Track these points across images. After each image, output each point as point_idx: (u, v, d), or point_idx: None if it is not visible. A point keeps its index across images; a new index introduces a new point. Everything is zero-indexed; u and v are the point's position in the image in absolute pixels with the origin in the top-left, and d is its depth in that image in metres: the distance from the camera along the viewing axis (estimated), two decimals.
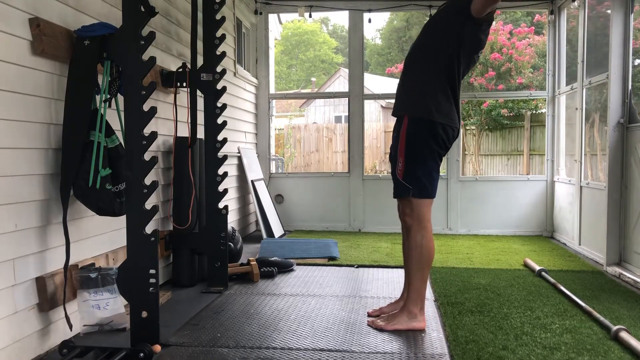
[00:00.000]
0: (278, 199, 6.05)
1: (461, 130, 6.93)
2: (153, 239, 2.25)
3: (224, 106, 3.41)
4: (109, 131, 2.49)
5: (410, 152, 2.57)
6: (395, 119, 2.70)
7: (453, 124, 2.58)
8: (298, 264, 4.07)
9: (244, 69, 5.76)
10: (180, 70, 3.42)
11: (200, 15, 3.44)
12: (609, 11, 4.20)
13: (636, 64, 4.24)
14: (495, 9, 2.53)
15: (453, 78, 2.57)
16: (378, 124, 16.82)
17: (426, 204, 2.61)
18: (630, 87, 3.91)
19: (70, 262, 2.39)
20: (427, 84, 2.58)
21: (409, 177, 2.57)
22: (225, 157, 3.42)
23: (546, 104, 5.85)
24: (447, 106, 2.56)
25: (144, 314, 2.27)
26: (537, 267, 3.90)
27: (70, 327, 2.35)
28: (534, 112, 11.28)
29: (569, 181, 5.12)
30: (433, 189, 2.61)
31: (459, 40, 2.53)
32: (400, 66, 13.22)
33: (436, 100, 2.54)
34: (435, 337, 2.54)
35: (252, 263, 3.65)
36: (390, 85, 16.06)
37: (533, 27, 11.58)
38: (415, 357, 2.29)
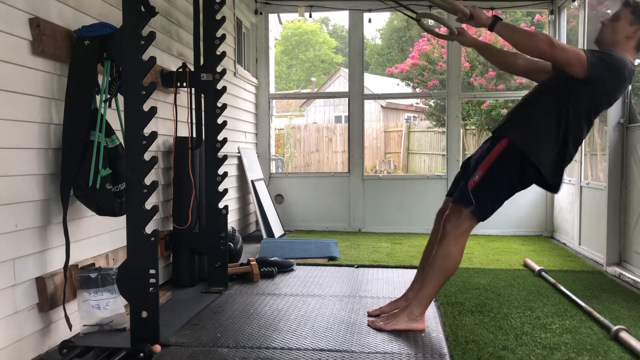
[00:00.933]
0: (278, 199, 6.05)
1: (461, 130, 6.91)
2: (153, 239, 2.25)
3: (224, 106, 3.41)
4: (109, 131, 2.49)
5: (493, 172, 2.50)
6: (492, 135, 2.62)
7: (543, 172, 2.49)
8: (298, 264, 4.07)
9: (244, 69, 5.75)
10: (180, 70, 3.42)
11: (200, 15, 3.44)
12: (609, 11, 4.20)
13: (636, 63, 4.23)
14: (577, 64, 2.38)
15: (578, 141, 2.51)
16: (378, 124, 16.83)
17: (474, 224, 2.58)
18: (630, 88, 3.91)
19: (70, 262, 2.39)
20: (546, 126, 2.47)
21: (477, 193, 2.51)
22: (225, 157, 3.42)
23: None
24: (548, 156, 2.47)
25: (144, 314, 2.27)
26: (537, 267, 3.90)
27: (70, 327, 2.35)
28: None
29: (569, 181, 5.12)
30: (491, 214, 2.58)
31: (591, 106, 2.47)
32: (401, 66, 13.24)
33: (543, 145, 2.46)
34: (435, 337, 2.55)
35: (252, 263, 3.65)
36: (391, 85, 16.08)
37: (533, 27, 11.58)
38: (415, 357, 2.29)
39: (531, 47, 2.42)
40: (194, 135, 3.46)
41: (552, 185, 2.55)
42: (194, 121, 3.46)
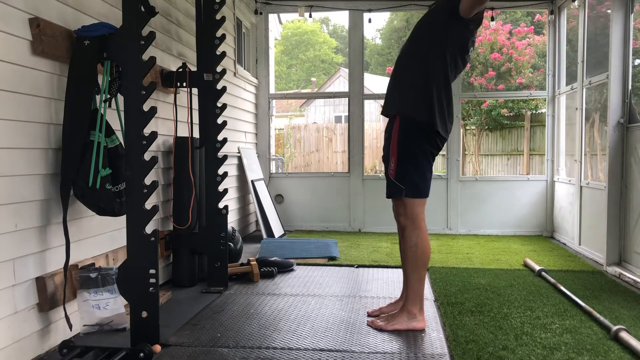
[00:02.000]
0: (278, 199, 6.05)
1: (461, 130, 6.91)
2: (153, 239, 2.25)
3: (224, 106, 3.41)
4: (109, 131, 2.49)
5: (403, 152, 2.56)
6: (388, 119, 2.69)
7: (444, 126, 2.56)
8: (298, 264, 4.07)
9: (244, 69, 5.76)
10: (180, 70, 3.42)
11: (200, 15, 3.44)
12: (609, 11, 4.20)
13: (636, 64, 4.24)
14: (483, 9, 2.52)
15: (445, 78, 2.56)
16: (378, 124, 16.81)
17: (420, 204, 2.60)
18: (630, 87, 3.91)
19: (70, 262, 2.39)
20: (418, 85, 2.57)
21: (401, 177, 2.57)
22: (225, 157, 3.42)
23: (546, 104, 5.85)
24: (440, 108, 2.54)
25: (144, 314, 2.27)
26: (537, 267, 3.90)
27: (70, 327, 2.35)
28: (534, 112, 11.29)
29: (569, 181, 5.12)
30: (426, 189, 2.60)
31: (448, 41, 2.53)
32: None
33: (429, 102, 2.53)
34: (435, 337, 2.55)
35: (252, 263, 3.65)
36: None
37: (533, 27, 11.58)
38: (415, 357, 2.29)
39: None
40: (196, 135, 3.46)
41: (440, 131, 2.58)
42: (194, 121, 3.46)
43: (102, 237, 2.78)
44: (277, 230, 5.41)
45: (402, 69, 2.68)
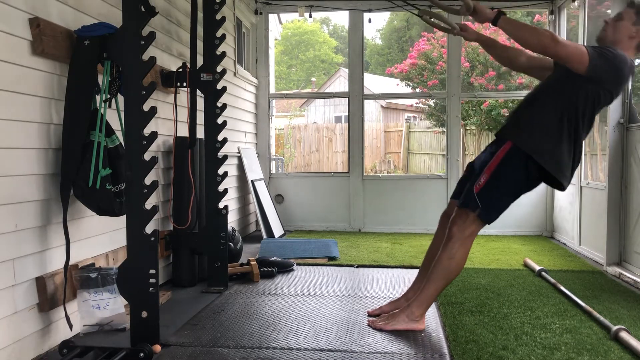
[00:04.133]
0: (278, 199, 6.05)
1: (461, 130, 6.91)
2: (153, 239, 2.25)
3: (224, 106, 3.41)
4: (109, 131, 2.49)
5: (499, 176, 2.50)
6: (495, 137, 2.63)
7: (552, 172, 2.47)
8: (298, 264, 4.07)
9: (244, 69, 5.75)
10: (180, 70, 3.42)
11: (200, 15, 3.44)
12: (609, 11, 4.20)
13: (636, 63, 4.23)
14: (582, 60, 2.40)
15: (577, 135, 2.49)
16: (378, 124, 16.83)
17: (480, 226, 2.56)
18: (630, 87, 3.91)
19: (70, 262, 2.39)
20: (550, 127, 2.47)
21: (484, 197, 2.50)
22: (225, 157, 3.42)
23: None
24: (555, 156, 2.46)
25: (144, 314, 2.26)
26: (537, 267, 3.90)
27: (70, 327, 2.35)
28: None
29: None
30: (496, 218, 2.57)
31: (585, 103, 2.46)
32: (400, 66, 13.23)
33: (548, 146, 2.46)
34: (435, 337, 2.55)
35: (252, 263, 3.65)
36: (390, 85, 16.07)
37: None
38: (415, 357, 2.29)
39: (534, 42, 2.42)
40: (199, 135, 3.46)
41: (562, 183, 2.52)
42: (199, 121, 3.45)
43: (102, 237, 2.78)
44: (277, 230, 5.41)
45: (541, 100, 2.56)
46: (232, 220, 4.98)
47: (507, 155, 2.49)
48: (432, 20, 2.77)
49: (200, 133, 3.48)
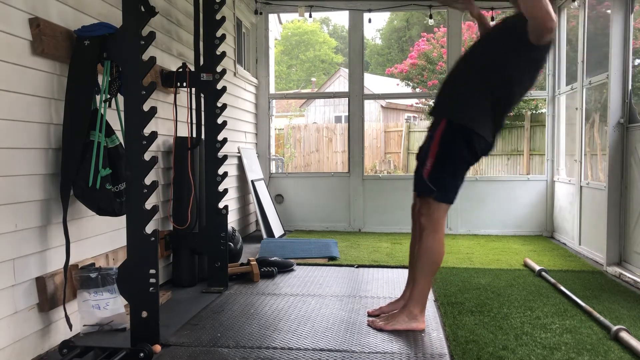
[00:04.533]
0: (278, 199, 6.05)
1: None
2: (153, 239, 2.25)
3: (224, 106, 3.41)
4: (109, 131, 2.49)
5: (442, 155, 2.53)
6: (432, 118, 2.65)
7: (488, 137, 2.52)
8: (298, 264, 4.07)
9: (244, 69, 5.76)
10: (180, 70, 3.42)
11: (200, 15, 3.44)
12: (609, 11, 4.20)
13: (636, 64, 4.24)
14: (552, 36, 2.44)
15: (504, 98, 2.52)
16: (378, 124, 16.82)
17: (444, 209, 2.59)
18: (630, 87, 3.91)
19: (70, 262, 2.39)
20: (475, 95, 2.52)
21: (434, 179, 2.53)
22: (225, 157, 3.42)
23: (546, 104, 5.85)
24: (488, 122, 2.50)
25: (144, 314, 2.27)
26: (537, 267, 3.90)
27: (70, 327, 2.35)
28: (534, 112, 11.28)
29: (569, 181, 5.12)
30: (454, 195, 2.58)
31: (516, 63, 2.48)
32: (400, 66, 13.22)
33: (479, 113, 2.49)
34: (435, 337, 2.55)
35: (252, 263, 3.65)
36: (391, 85, 16.08)
37: None
38: (415, 357, 2.29)
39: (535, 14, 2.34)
40: (194, 135, 3.46)
41: (493, 145, 2.59)
42: (194, 121, 3.47)
43: (102, 237, 2.78)
44: (277, 230, 5.41)
45: (461, 75, 2.62)
46: (232, 220, 4.98)
47: (444, 132, 2.53)
48: None
49: (201, 133, 3.48)
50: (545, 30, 2.33)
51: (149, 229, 2.26)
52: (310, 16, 6.00)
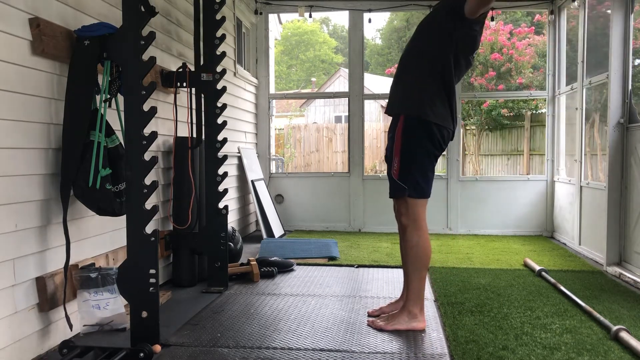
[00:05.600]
0: (278, 199, 6.05)
1: (461, 130, 6.92)
2: (153, 239, 2.25)
3: (224, 106, 3.41)
4: (109, 131, 2.49)
5: (406, 152, 2.57)
6: (391, 119, 2.69)
7: (448, 125, 2.57)
8: (298, 264, 4.07)
9: (244, 69, 5.76)
10: (180, 70, 3.42)
11: (200, 15, 3.44)
12: (609, 11, 4.20)
13: (636, 64, 4.24)
14: (488, 9, 2.53)
15: (449, 80, 2.56)
16: (378, 124, 16.81)
17: (421, 204, 2.61)
18: (630, 87, 3.91)
19: (71, 262, 2.39)
20: (423, 85, 2.57)
21: (404, 177, 2.57)
22: (225, 157, 3.42)
23: (546, 104, 5.85)
24: (442, 108, 2.55)
25: (144, 314, 2.26)
26: (537, 267, 3.90)
27: (71, 327, 2.35)
28: (534, 112, 11.29)
29: (569, 181, 5.12)
30: (428, 189, 2.61)
31: (452, 42, 2.53)
32: None
33: (432, 102, 2.54)
34: (435, 337, 2.55)
35: (252, 263, 3.65)
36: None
37: (533, 27, 11.57)
38: (415, 357, 2.29)
39: None
40: (194, 135, 3.47)
41: (453, 133, 2.63)
42: (194, 121, 3.47)
43: (102, 237, 2.78)
44: (277, 230, 5.41)
45: (405, 68, 2.68)
46: (232, 220, 4.98)
47: (404, 129, 2.56)
48: None
49: (201, 133, 3.48)
50: (484, 1, 2.38)
51: (149, 229, 2.26)
52: (310, 16, 6.00)
